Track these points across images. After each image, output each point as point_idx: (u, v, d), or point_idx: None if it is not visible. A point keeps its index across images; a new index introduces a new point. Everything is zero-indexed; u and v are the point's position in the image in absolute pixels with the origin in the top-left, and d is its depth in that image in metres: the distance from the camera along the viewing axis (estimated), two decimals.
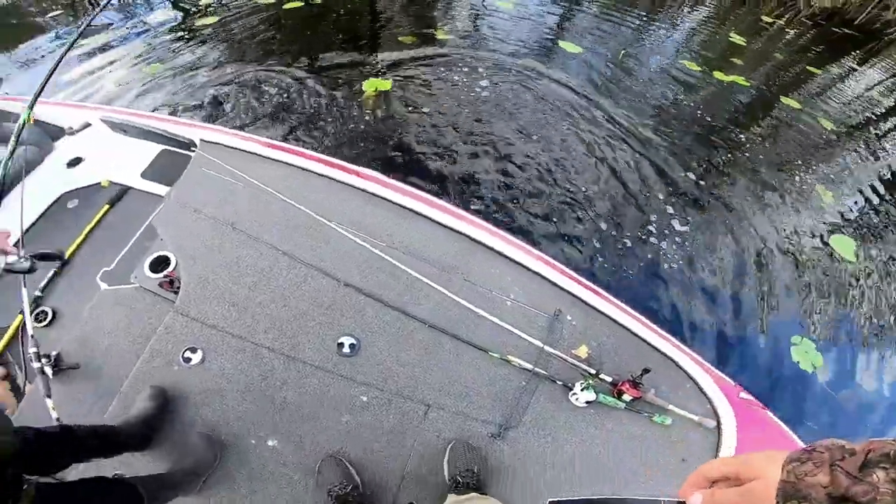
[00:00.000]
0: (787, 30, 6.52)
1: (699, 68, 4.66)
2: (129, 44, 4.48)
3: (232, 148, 1.85)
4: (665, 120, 3.74)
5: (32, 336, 1.29)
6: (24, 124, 1.80)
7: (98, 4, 5.35)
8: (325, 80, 3.73)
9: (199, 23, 4.67)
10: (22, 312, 1.66)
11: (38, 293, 1.55)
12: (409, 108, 3.44)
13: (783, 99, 4.48)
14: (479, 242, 1.56)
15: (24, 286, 1.32)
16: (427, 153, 3.04)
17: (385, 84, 3.62)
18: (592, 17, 5.59)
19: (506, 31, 4.75)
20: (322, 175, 1.72)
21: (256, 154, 1.82)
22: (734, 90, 4.45)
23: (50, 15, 5.55)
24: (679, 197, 3.00)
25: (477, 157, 3.05)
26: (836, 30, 6.72)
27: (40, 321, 1.57)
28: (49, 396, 1.18)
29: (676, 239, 2.69)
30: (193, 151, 1.96)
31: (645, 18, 5.84)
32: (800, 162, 3.61)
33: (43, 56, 4.44)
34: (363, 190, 1.68)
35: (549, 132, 3.36)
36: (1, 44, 5.22)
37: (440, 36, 4.50)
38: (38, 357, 1.26)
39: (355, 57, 4.08)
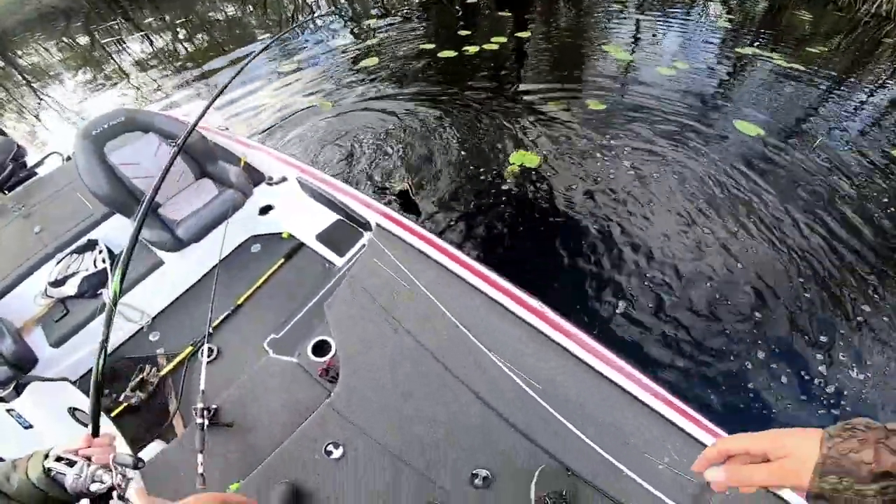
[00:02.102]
0: None
1: None
2: (312, 70, 5.56)
3: (405, 242, 1.85)
4: (880, 242, 2.90)
5: (203, 391, 1.43)
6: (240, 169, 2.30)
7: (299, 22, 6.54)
8: (470, 140, 3.85)
9: (364, 63, 5.57)
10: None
11: (210, 330, 1.64)
12: (556, 190, 3.28)
13: None
14: (645, 404, 1.43)
15: (206, 352, 1.61)
16: (571, 259, 2.83)
17: (533, 159, 3.57)
18: (771, 85, 4.63)
19: (669, 105, 4.17)
20: (486, 295, 1.67)
21: (427, 255, 1.79)
22: None
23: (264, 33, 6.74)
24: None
25: (642, 276, 2.69)
26: None
27: (207, 357, 1.70)
28: (202, 452, 1.27)
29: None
30: (365, 231, 2.08)
31: (843, 86, 4.63)
32: None
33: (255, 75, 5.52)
34: (526, 322, 1.58)
35: (723, 245, 2.90)
36: (220, 52, 6.69)
37: (593, 106, 4.23)
38: (203, 412, 1.37)
39: (502, 116, 4.17)
